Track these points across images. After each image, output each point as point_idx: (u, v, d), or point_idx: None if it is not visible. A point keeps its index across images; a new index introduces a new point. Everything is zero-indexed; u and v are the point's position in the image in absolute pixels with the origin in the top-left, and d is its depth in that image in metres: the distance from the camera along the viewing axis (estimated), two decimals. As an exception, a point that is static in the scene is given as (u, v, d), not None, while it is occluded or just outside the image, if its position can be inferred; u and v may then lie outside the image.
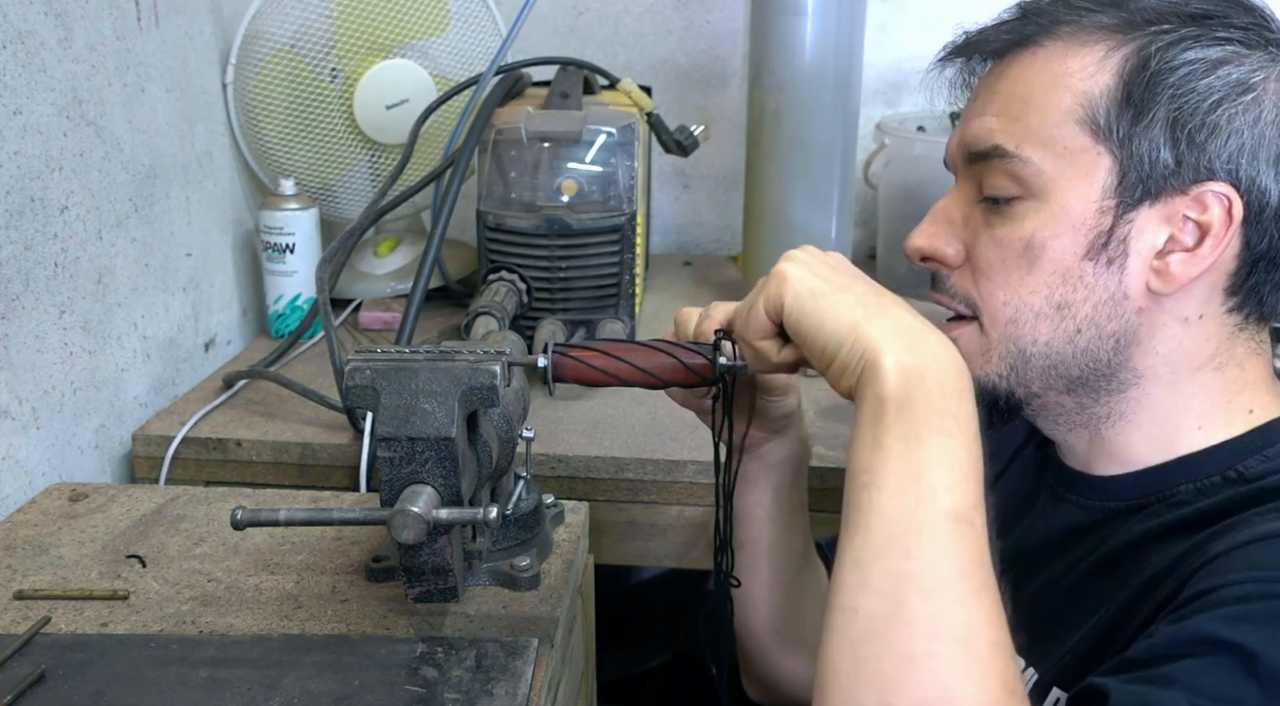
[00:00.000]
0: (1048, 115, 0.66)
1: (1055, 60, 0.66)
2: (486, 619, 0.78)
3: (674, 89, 1.69)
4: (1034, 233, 0.66)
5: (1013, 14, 0.70)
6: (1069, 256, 0.66)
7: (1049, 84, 0.66)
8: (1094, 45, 0.66)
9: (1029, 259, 0.67)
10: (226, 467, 1.10)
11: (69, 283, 1.02)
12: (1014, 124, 0.67)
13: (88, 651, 0.73)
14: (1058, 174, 0.66)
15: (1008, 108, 0.68)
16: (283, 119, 1.38)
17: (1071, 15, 0.67)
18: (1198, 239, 0.64)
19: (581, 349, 0.74)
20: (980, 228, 0.70)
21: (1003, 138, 0.67)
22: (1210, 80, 0.63)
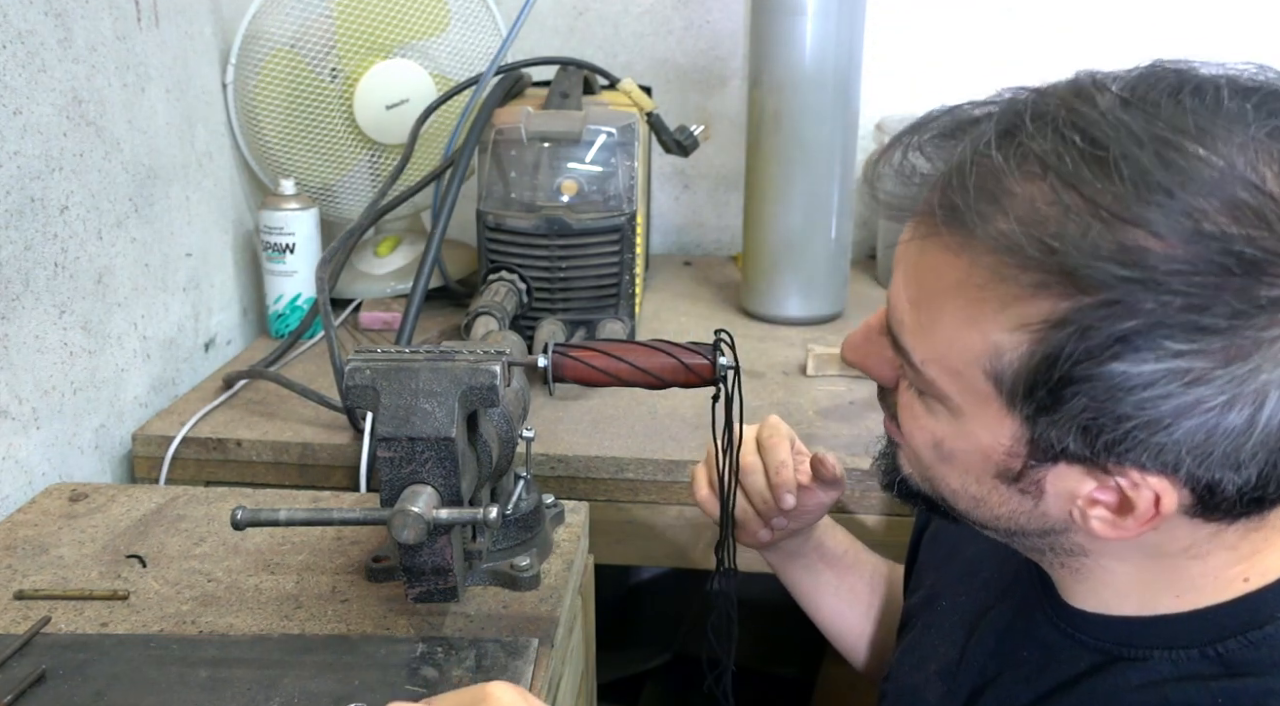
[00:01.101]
0: (955, 347, 0.54)
1: (973, 283, 0.52)
2: (486, 619, 0.78)
3: (674, 89, 1.69)
4: (942, 438, 0.59)
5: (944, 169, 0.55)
6: (978, 470, 0.58)
7: (961, 316, 0.53)
8: (1016, 285, 0.51)
9: (939, 454, 0.59)
10: (226, 467, 1.10)
11: (69, 283, 1.02)
12: (923, 334, 0.56)
13: (88, 651, 0.73)
14: (964, 404, 0.56)
15: (919, 308, 0.56)
16: (283, 119, 1.38)
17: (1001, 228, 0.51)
18: (1124, 508, 0.54)
19: (581, 349, 0.74)
20: (903, 380, 0.61)
21: (911, 342, 0.57)
22: (1146, 397, 0.49)
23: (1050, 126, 0.51)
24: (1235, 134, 0.48)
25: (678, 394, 0.81)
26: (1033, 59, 1.64)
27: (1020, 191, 0.50)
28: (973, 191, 0.52)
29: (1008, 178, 0.51)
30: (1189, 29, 1.61)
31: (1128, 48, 1.65)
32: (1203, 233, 0.47)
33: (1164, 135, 0.48)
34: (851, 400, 1.18)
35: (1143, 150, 0.48)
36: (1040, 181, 0.50)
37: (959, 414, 0.57)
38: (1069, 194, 0.49)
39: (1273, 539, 0.57)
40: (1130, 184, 0.48)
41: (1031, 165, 0.51)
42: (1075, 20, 1.63)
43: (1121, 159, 0.48)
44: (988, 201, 0.51)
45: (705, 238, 1.78)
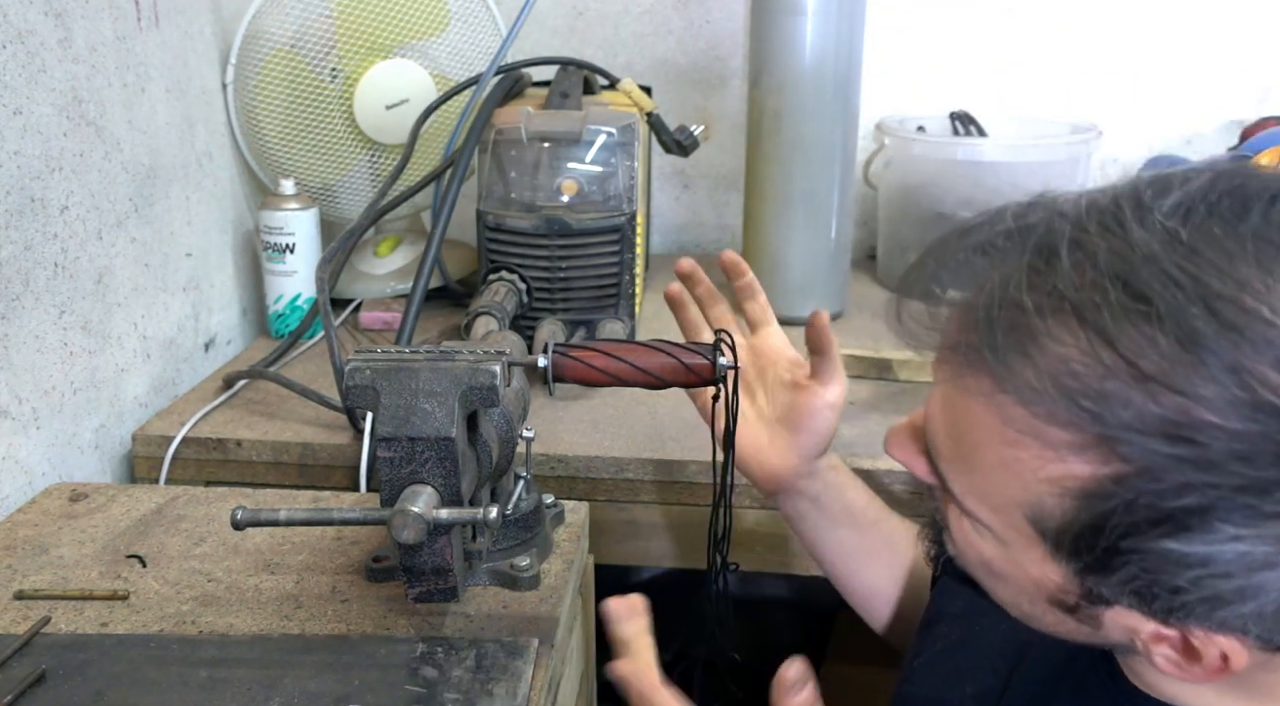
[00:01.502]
0: (994, 489, 0.51)
1: (1006, 435, 0.48)
2: (486, 619, 0.78)
3: (674, 89, 1.69)
4: (991, 559, 0.55)
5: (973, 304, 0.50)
6: (1030, 593, 0.54)
7: (998, 463, 0.50)
8: (1050, 444, 0.47)
9: (989, 571, 0.56)
10: (226, 467, 1.10)
11: (69, 283, 1.02)
12: (962, 470, 0.53)
13: (88, 651, 0.73)
14: (1008, 538, 0.52)
15: (956, 443, 0.53)
16: (283, 119, 1.38)
17: (1032, 382, 0.46)
18: (1190, 655, 0.50)
19: (581, 349, 0.74)
20: (946, 493, 0.57)
21: (949, 474, 0.54)
22: (1204, 574, 0.45)
23: (1089, 264, 0.45)
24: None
25: (678, 394, 0.81)
26: (1033, 59, 1.64)
27: (1052, 340, 0.46)
28: (1000, 337, 0.47)
29: (1038, 323, 0.46)
30: (1189, 29, 1.61)
31: (1128, 48, 1.66)
32: (1260, 404, 0.42)
33: (1218, 288, 0.43)
34: (852, 400, 1.18)
35: (1192, 306, 0.43)
36: (1075, 331, 0.45)
37: (1005, 544, 0.53)
38: (1107, 352, 0.44)
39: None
40: (1177, 346, 0.43)
41: (1066, 313, 0.45)
42: (1075, 20, 1.63)
43: (1168, 317, 0.43)
44: (1017, 350, 0.47)
45: (705, 238, 1.78)
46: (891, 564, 0.89)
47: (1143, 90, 1.64)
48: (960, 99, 1.62)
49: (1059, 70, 1.64)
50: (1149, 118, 1.65)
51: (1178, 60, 1.63)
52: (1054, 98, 1.64)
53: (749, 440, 0.83)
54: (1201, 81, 1.63)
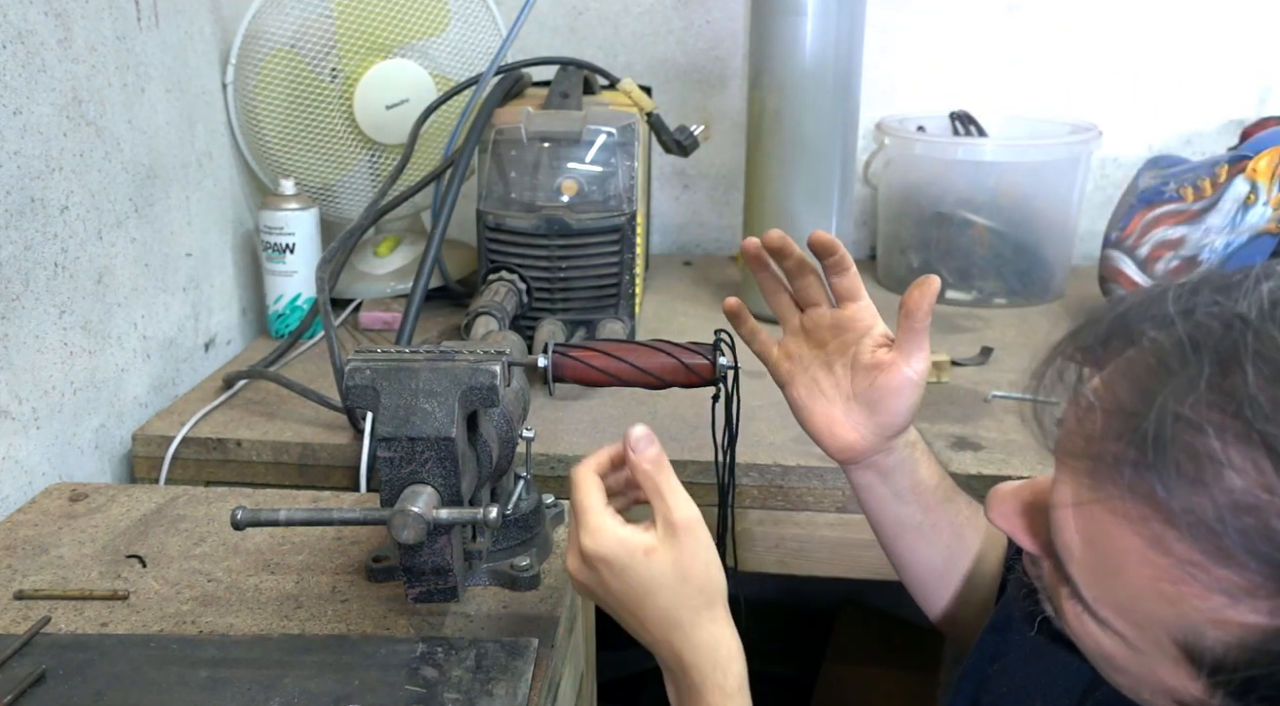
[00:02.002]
0: (1141, 607, 0.47)
1: (1165, 562, 0.44)
2: (486, 619, 0.78)
3: (674, 89, 1.69)
4: (1114, 656, 0.51)
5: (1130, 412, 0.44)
6: (1154, 689, 0.51)
7: (1151, 588, 0.45)
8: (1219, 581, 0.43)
9: (1110, 665, 0.52)
10: (226, 467, 1.10)
11: (69, 283, 1.02)
12: (1100, 581, 0.48)
13: (88, 651, 0.73)
14: (1147, 651, 0.48)
15: (1096, 555, 0.48)
16: (283, 119, 1.38)
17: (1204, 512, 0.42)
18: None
19: (581, 349, 0.74)
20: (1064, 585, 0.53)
21: (1082, 579, 0.49)
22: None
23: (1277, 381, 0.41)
24: None
25: (678, 394, 0.81)
26: (1033, 59, 1.64)
27: (1232, 470, 0.41)
28: (1168, 459, 0.42)
29: (1216, 448, 0.41)
30: (1189, 29, 1.61)
31: (1128, 48, 1.66)
32: None
33: None
34: (851, 400, 1.18)
35: None
36: (1260, 461, 0.41)
37: (1138, 652, 0.49)
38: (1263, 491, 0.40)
39: None
40: None
41: (1251, 441, 0.41)
42: (1075, 20, 1.63)
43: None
44: (1186, 477, 0.42)
45: (705, 238, 1.78)
46: (954, 548, 0.85)
47: (1143, 90, 1.64)
48: (960, 99, 1.62)
49: (1059, 70, 1.64)
50: (1149, 118, 1.65)
51: (1178, 60, 1.63)
52: (1054, 98, 1.64)
53: (821, 413, 0.80)
54: (1201, 81, 1.63)
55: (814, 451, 1.01)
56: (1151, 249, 1.28)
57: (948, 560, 0.85)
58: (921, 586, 0.87)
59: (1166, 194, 1.29)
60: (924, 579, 0.86)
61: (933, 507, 0.83)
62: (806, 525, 1.04)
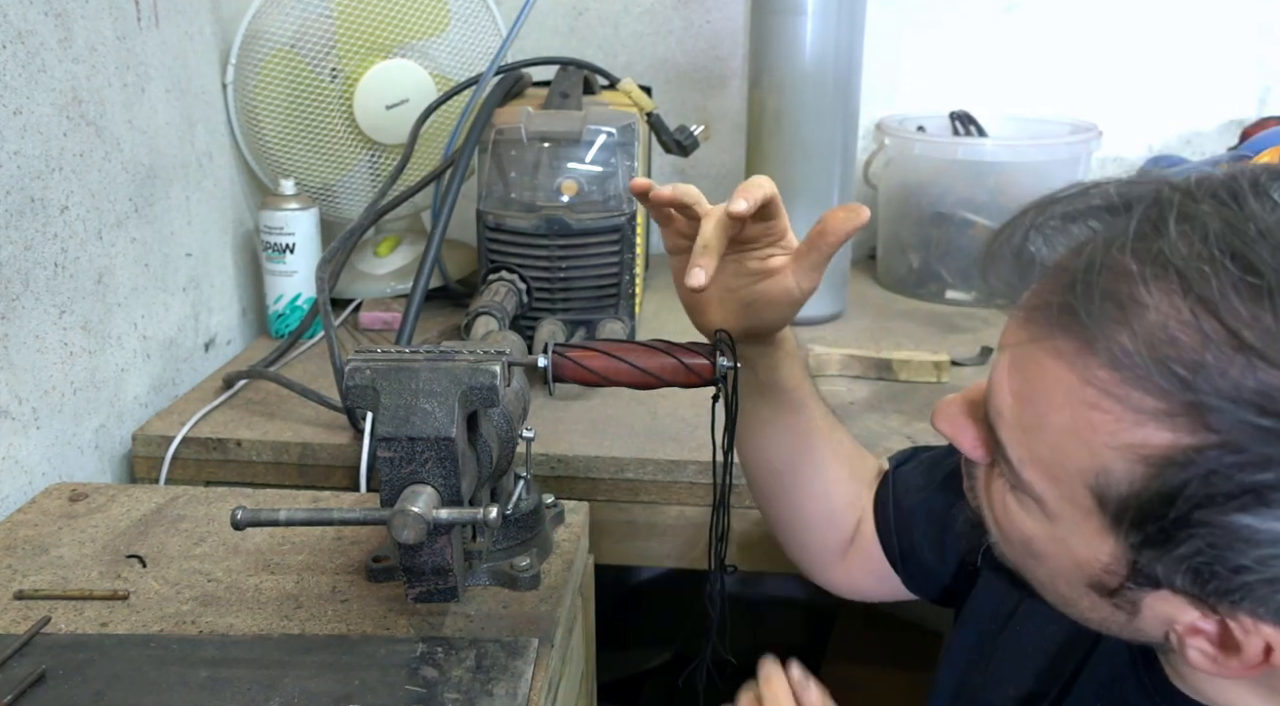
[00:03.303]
0: (1059, 456, 0.50)
1: (1085, 397, 0.48)
2: (486, 619, 0.78)
3: (674, 89, 1.69)
4: (1034, 537, 0.55)
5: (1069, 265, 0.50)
6: (1069, 575, 0.54)
7: (1069, 428, 0.49)
8: (1134, 409, 0.46)
9: (1029, 550, 0.56)
10: (226, 467, 1.10)
11: (69, 283, 1.02)
12: (1025, 434, 0.52)
13: (88, 651, 0.73)
14: (1061, 511, 0.52)
15: (1024, 406, 0.52)
16: (283, 119, 1.38)
17: (1125, 343, 0.46)
18: (1228, 647, 0.50)
19: (581, 349, 0.74)
20: (995, 466, 0.57)
21: (1010, 438, 0.53)
22: (1271, 554, 0.45)
23: (1197, 235, 0.45)
24: None
25: (678, 394, 0.81)
26: (1033, 59, 1.64)
27: (1154, 307, 0.45)
28: (1098, 297, 0.47)
29: (1141, 288, 0.46)
30: (1189, 29, 1.61)
31: (1128, 48, 1.66)
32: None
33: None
34: (852, 400, 1.18)
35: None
36: (1178, 299, 0.45)
37: (1054, 519, 0.52)
38: (1211, 322, 0.44)
39: None
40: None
41: (1170, 279, 0.45)
42: (1075, 20, 1.63)
43: (1277, 290, 0.43)
44: (1114, 311, 0.46)
45: (705, 238, 1.78)
46: (797, 453, 0.84)
47: (1143, 90, 1.64)
48: (960, 99, 1.62)
49: (1059, 70, 1.64)
50: (1149, 118, 1.65)
51: (1178, 60, 1.63)
52: (1054, 98, 1.64)
53: (692, 297, 0.77)
54: (1201, 81, 1.63)
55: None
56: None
57: (789, 463, 0.85)
58: (760, 485, 0.87)
59: (1166, 194, 1.28)
60: (764, 479, 0.86)
61: (782, 408, 0.82)
62: (806, 525, 1.04)
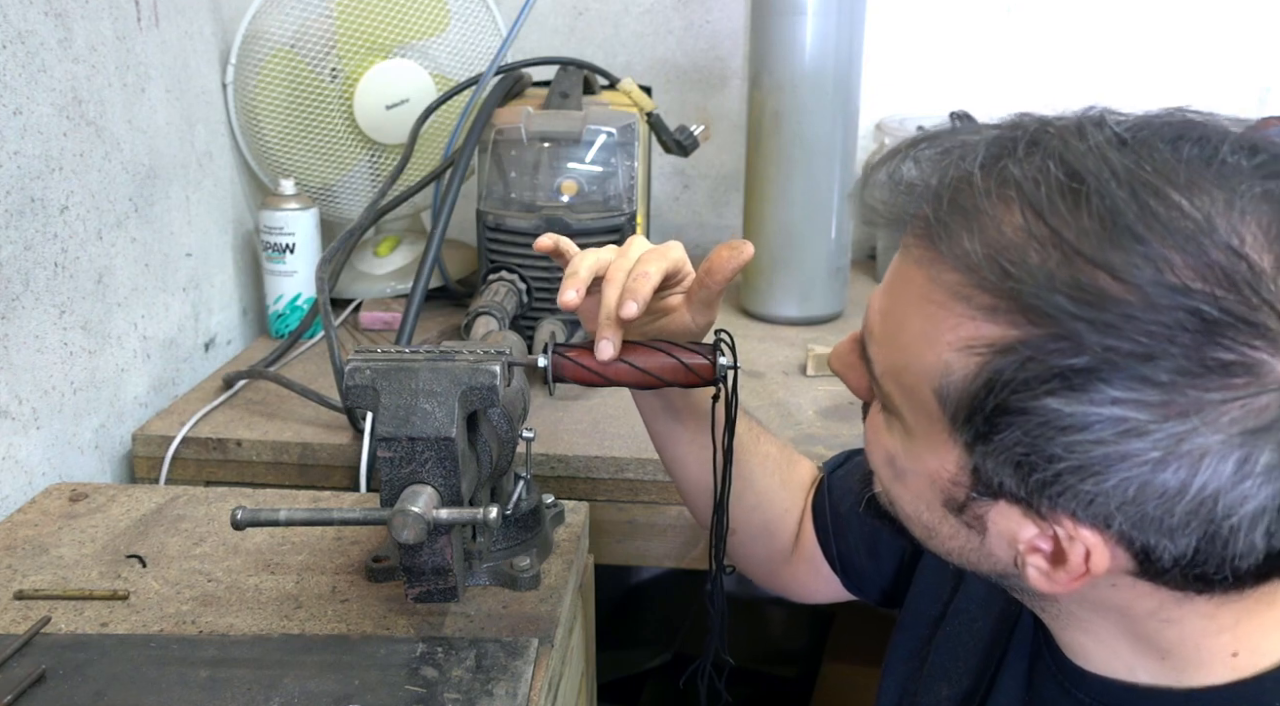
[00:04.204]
0: (912, 362, 0.54)
1: (934, 298, 0.52)
2: (486, 619, 0.78)
3: (674, 89, 1.68)
4: (896, 454, 0.58)
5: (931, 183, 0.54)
6: (928, 496, 0.57)
7: (920, 331, 0.53)
8: (971, 306, 0.50)
9: (894, 471, 0.59)
10: (226, 467, 1.10)
11: (69, 283, 1.02)
12: (887, 345, 0.56)
13: (88, 651, 0.73)
14: (914, 423, 0.55)
15: (887, 318, 0.56)
16: (283, 119, 1.38)
17: (966, 247, 0.50)
18: (1058, 558, 0.53)
19: (581, 349, 0.74)
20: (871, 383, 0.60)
21: (875, 353, 0.57)
22: (1078, 440, 0.48)
23: (1039, 154, 0.50)
24: (1224, 190, 0.47)
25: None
26: (1033, 59, 1.64)
27: (992, 214, 0.50)
28: (946, 207, 0.52)
29: (984, 199, 0.50)
30: (1189, 29, 1.61)
31: (1128, 48, 1.66)
32: (1164, 284, 0.45)
33: (1147, 179, 0.47)
34: (851, 400, 1.17)
35: (1120, 190, 0.47)
36: (1014, 207, 0.49)
37: (911, 434, 0.56)
38: (1037, 223, 0.48)
39: (1256, 611, 0.55)
40: (1099, 222, 0.47)
41: (1009, 189, 0.50)
42: (1075, 20, 1.63)
43: (1096, 195, 0.47)
44: (960, 220, 0.51)
45: (705, 238, 1.78)
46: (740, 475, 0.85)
47: (1143, 90, 1.64)
48: (960, 99, 1.62)
49: (1059, 70, 1.64)
50: (1149, 118, 1.65)
51: (1178, 60, 1.63)
52: (1054, 97, 1.64)
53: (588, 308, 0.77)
54: (1201, 81, 1.63)
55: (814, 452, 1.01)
56: (1151, 249, 1.28)
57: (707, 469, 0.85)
58: (691, 498, 0.90)
59: (1166, 194, 1.28)
60: (693, 492, 0.88)
61: (701, 428, 0.83)
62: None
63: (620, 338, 0.72)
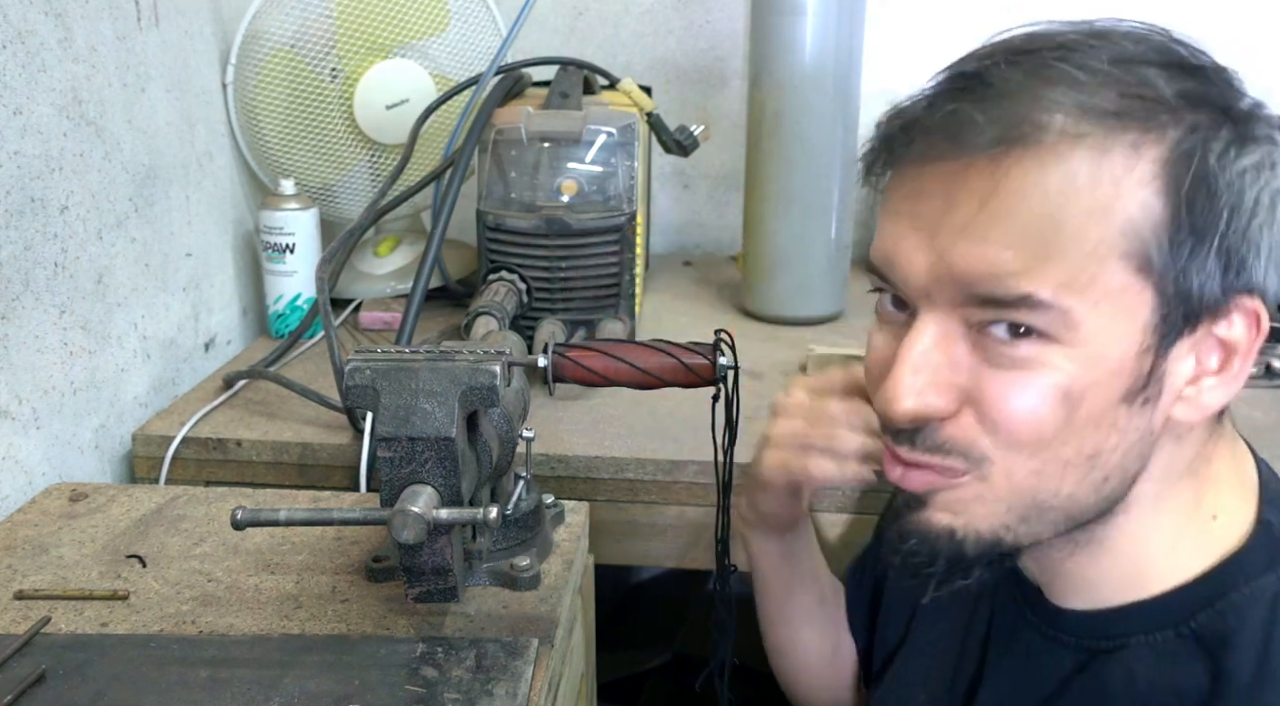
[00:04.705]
0: (1085, 251, 0.53)
1: (1094, 168, 0.52)
2: (486, 619, 0.78)
3: (674, 89, 1.69)
4: (1070, 382, 0.55)
5: (973, 95, 0.56)
6: (1105, 403, 0.55)
7: (1083, 211, 0.52)
8: (1110, 142, 0.52)
9: (1065, 408, 0.55)
10: (226, 467, 1.10)
11: (69, 283, 1.02)
12: (1043, 264, 0.53)
13: (88, 651, 0.73)
14: (1097, 320, 0.54)
15: (1026, 239, 0.53)
16: (283, 119, 1.38)
17: (1059, 94, 0.53)
18: (1223, 359, 0.57)
19: (581, 349, 0.74)
20: (984, 368, 0.56)
21: (1032, 284, 0.53)
22: (1257, 192, 0.54)
23: (1034, 49, 0.56)
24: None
25: (678, 394, 0.81)
26: (1033, 59, 1.64)
27: (1054, 86, 0.53)
28: (1011, 110, 0.53)
29: (1036, 82, 0.54)
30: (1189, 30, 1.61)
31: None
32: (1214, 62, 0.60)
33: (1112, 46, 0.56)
34: (851, 400, 1.18)
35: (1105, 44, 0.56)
36: (1069, 72, 0.54)
37: (1086, 341, 0.54)
38: (1084, 73, 0.54)
39: (1225, 466, 0.62)
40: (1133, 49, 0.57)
41: (1049, 68, 0.54)
42: (1075, 20, 1.62)
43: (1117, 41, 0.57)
44: (1035, 109, 0.53)
45: (705, 238, 1.78)
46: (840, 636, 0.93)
47: (1143, 90, 1.64)
48: (960, 99, 1.62)
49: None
50: (1149, 118, 1.65)
51: (1178, 60, 1.62)
52: (1054, 98, 1.64)
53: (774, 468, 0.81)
54: (1201, 81, 1.63)
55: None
56: (1151, 249, 1.28)
57: (822, 632, 0.92)
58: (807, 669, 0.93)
59: (1166, 194, 1.28)
60: (812, 666, 0.93)
61: (814, 587, 0.90)
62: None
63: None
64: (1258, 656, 0.56)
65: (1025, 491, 0.58)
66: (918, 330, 0.57)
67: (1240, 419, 0.66)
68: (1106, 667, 0.61)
